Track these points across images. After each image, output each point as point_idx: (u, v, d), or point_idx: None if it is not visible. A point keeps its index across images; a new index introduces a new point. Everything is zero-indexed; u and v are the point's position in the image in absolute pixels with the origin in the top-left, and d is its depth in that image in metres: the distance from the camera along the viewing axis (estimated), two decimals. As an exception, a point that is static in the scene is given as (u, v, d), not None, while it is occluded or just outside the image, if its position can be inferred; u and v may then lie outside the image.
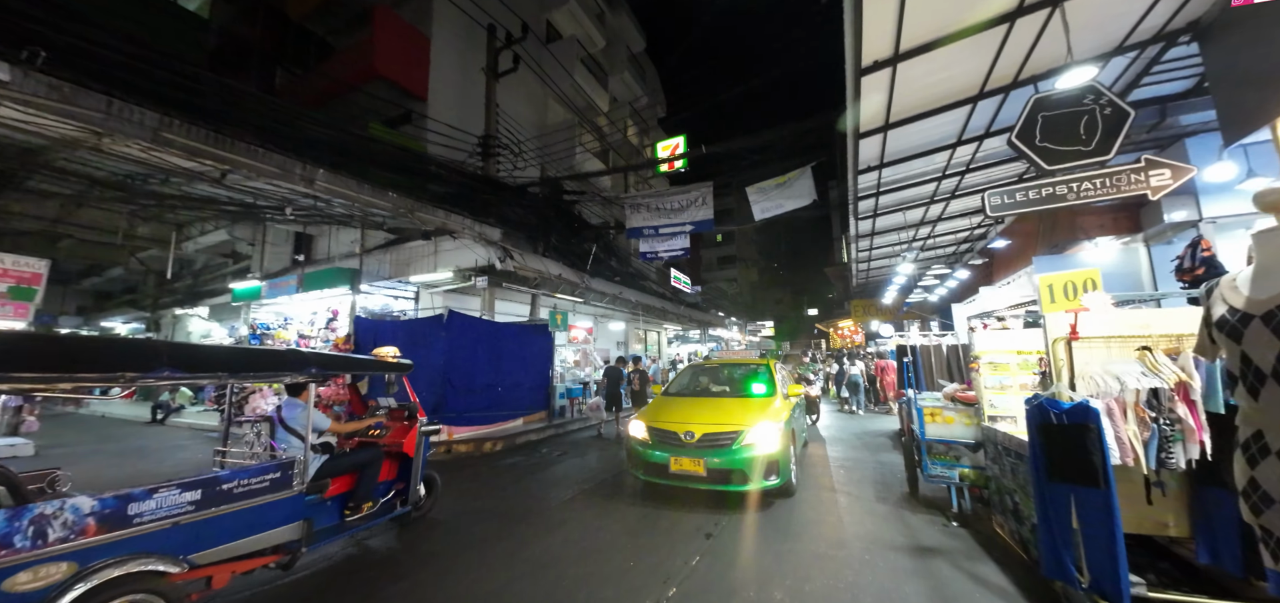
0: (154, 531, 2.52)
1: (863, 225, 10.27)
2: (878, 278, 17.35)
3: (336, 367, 3.93)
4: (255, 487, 2.99)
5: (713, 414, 5.24)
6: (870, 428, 10.13)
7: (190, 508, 2.68)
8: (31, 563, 2.12)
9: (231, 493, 2.88)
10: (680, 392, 6.49)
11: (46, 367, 2.33)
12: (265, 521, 3.02)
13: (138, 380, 2.58)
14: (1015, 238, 10.39)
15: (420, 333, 8.80)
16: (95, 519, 2.33)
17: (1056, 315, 2.97)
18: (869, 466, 6.82)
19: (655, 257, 10.89)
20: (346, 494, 3.85)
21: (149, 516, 2.51)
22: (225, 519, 2.83)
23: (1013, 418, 4.37)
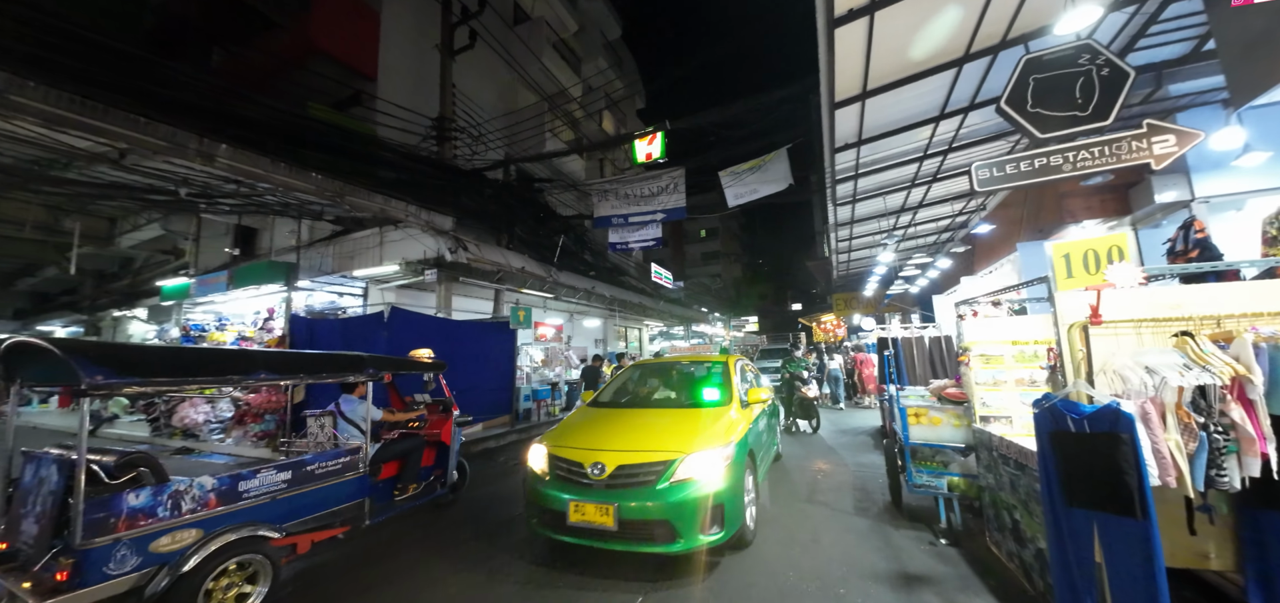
0: (258, 504, 3.12)
1: (842, 212, 9.72)
2: (858, 270, 16.94)
3: (385, 367, 4.33)
4: (331, 469, 3.64)
5: (637, 435, 3.82)
6: (851, 424, 9.61)
7: (284, 486, 3.30)
8: (170, 529, 2.69)
9: (314, 474, 3.51)
10: (611, 400, 4.91)
11: (181, 372, 2.97)
12: (338, 497, 3.66)
13: (241, 382, 3.39)
14: (998, 224, 9.96)
15: (359, 332, 7.96)
16: (216, 495, 2.92)
17: (1071, 295, 2.37)
18: (848, 469, 6.25)
19: (626, 248, 10.19)
20: (394, 478, 4.41)
21: (254, 492, 3.12)
22: (309, 495, 3.45)
23: (1008, 419, 3.80)
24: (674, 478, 3.34)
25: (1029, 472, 2.97)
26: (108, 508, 2.52)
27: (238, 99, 7.40)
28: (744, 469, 3.76)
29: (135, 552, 2.55)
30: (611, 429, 4.03)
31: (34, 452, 2.84)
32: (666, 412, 4.40)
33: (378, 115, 10.21)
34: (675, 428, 3.86)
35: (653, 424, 4.08)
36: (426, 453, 4.72)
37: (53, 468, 2.61)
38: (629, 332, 23.88)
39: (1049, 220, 8.52)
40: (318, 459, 3.58)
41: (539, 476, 3.69)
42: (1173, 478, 2.04)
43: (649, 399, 4.94)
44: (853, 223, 10.56)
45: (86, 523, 2.40)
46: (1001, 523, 3.44)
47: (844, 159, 7.07)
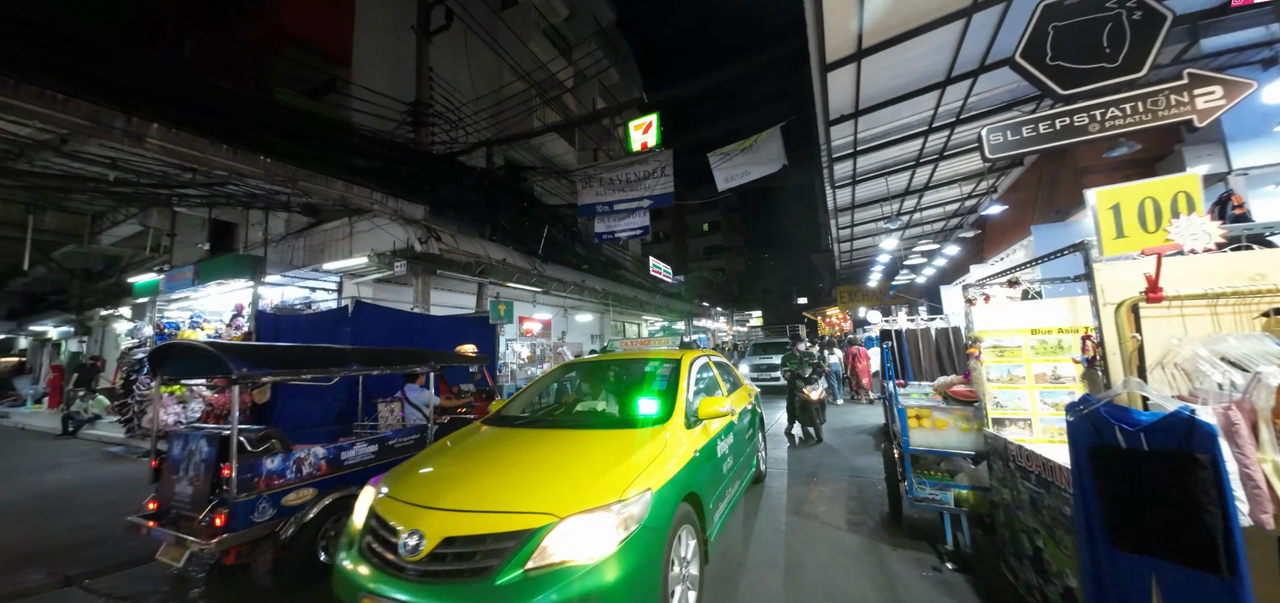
0: (355, 470, 3.72)
1: (841, 195, 9.08)
2: (862, 261, 16.26)
3: (439, 362, 4.82)
4: (405, 444, 4.19)
5: (503, 478, 2.58)
6: (850, 421, 9.01)
7: (372, 457, 3.88)
8: (294, 487, 3.36)
9: (393, 447, 4.08)
10: (518, 414, 3.72)
11: (292, 366, 3.81)
12: None
13: (339, 373, 4.21)
14: (1010, 206, 9.27)
15: (323, 328, 7.49)
16: (326, 461, 3.58)
17: (1118, 264, 1.78)
18: (843, 473, 5.67)
19: (613, 237, 9.63)
20: None
21: (351, 460, 3.75)
22: (392, 465, 3.57)
23: (1027, 422, 3.21)
24: (532, 562, 2.02)
25: (1056, 490, 2.39)
26: (252, 470, 3.16)
27: (194, 83, 6.92)
28: (670, 534, 2.40)
29: (272, 504, 3.19)
30: (475, 466, 2.76)
31: (177, 431, 3.56)
32: (576, 436, 3.08)
33: (353, 103, 9.72)
34: (571, 465, 2.59)
35: (541, 457, 2.77)
36: None
37: (202, 442, 3.27)
38: (627, 327, 23.34)
39: (1066, 200, 7.84)
40: (395, 435, 4.22)
41: (348, 537, 2.48)
42: (1270, 515, 1.45)
43: (566, 415, 3.81)
44: (854, 208, 9.92)
45: (239, 482, 3.04)
46: (1020, 548, 2.86)
47: (841, 134, 6.46)
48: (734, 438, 3.94)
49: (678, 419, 3.15)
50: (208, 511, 3.03)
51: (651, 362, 4.07)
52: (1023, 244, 9.02)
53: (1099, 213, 1.99)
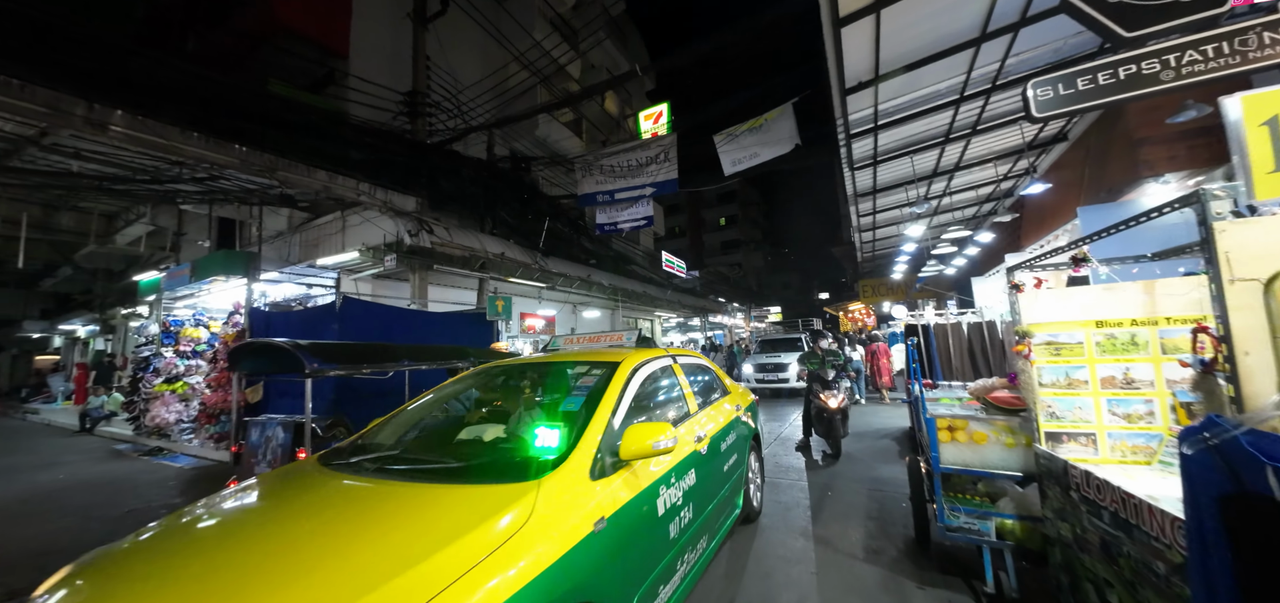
0: None
1: (862, 178, 8.36)
2: (886, 251, 15.36)
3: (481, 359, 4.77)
4: None
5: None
6: (872, 423, 8.31)
7: None
8: None
9: None
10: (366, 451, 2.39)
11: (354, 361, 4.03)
12: None
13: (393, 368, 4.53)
14: (1053, 186, 8.38)
15: (313, 323, 7.23)
16: None
17: (1254, 224, 1.18)
18: (861, 485, 5.04)
19: (615, 229, 9.13)
20: None
21: None
22: None
23: (1089, 438, 2.58)
24: None
25: (1143, 537, 1.78)
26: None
27: (178, 74, 6.70)
28: None
29: None
30: (179, 566, 1.54)
31: (255, 419, 3.92)
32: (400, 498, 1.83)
33: (350, 95, 9.47)
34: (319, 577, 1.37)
35: (295, 552, 1.52)
36: None
37: (279, 429, 3.60)
38: (640, 323, 22.85)
39: (1119, 178, 6.96)
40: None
41: None
42: None
43: (431, 451, 2.51)
44: (875, 193, 9.16)
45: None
46: (1084, 599, 2.24)
47: (859, 105, 5.79)
48: (700, 474, 2.77)
49: (576, 468, 1.90)
50: None
51: (577, 368, 2.82)
52: (1066, 229, 8.14)
53: (1246, 130, 1.32)
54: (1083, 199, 7.74)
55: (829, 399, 6.07)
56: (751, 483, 3.96)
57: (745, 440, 3.81)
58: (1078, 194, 7.99)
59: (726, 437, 3.38)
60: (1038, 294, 2.89)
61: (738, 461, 3.58)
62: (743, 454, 3.72)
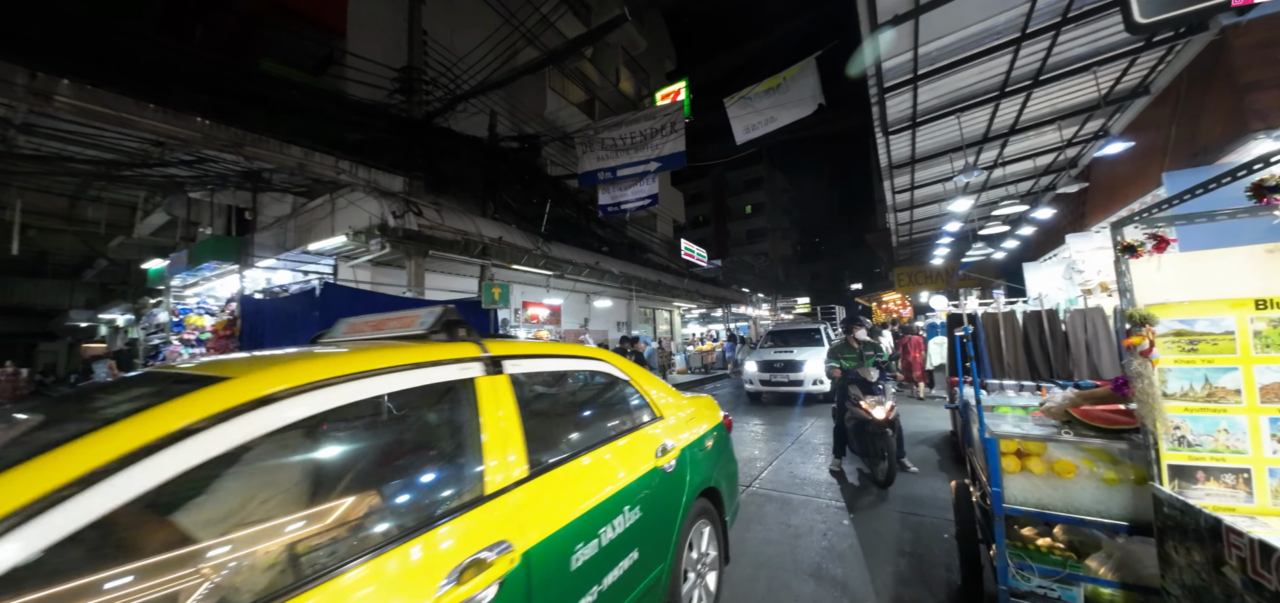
0: None
1: (897, 146, 7.32)
2: (924, 235, 14.04)
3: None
4: None
5: None
6: (905, 424, 7.31)
7: None
8: None
9: None
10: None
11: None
12: None
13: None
14: (1131, 151, 7.10)
15: (296, 310, 6.85)
16: None
17: None
18: (890, 505, 4.19)
19: (619, 210, 8.40)
20: None
21: None
22: None
23: (1239, 478, 1.73)
24: None
25: None
26: None
27: (144, 46, 6.34)
28: None
29: None
30: None
31: None
32: None
33: (346, 74, 9.05)
34: None
35: None
36: None
37: None
38: (658, 313, 22.13)
39: (1217, 134, 5.71)
40: None
41: None
42: None
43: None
44: (913, 165, 8.07)
45: None
46: None
47: (895, 49, 4.83)
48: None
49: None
50: None
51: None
52: (1149, 198, 6.88)
53: None
54: (1167, 164, 6.48)
55: (873, 407, 4.73)
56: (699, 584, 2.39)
57: (675, 505, 2.20)
58: (1160, 160, 6.71)
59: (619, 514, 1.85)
60: (1156, 262, 1.99)
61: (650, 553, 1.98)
62: (665, 534, 2.10)
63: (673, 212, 25.34)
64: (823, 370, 7.90)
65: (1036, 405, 2.83)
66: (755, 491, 4.65)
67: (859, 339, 5.47)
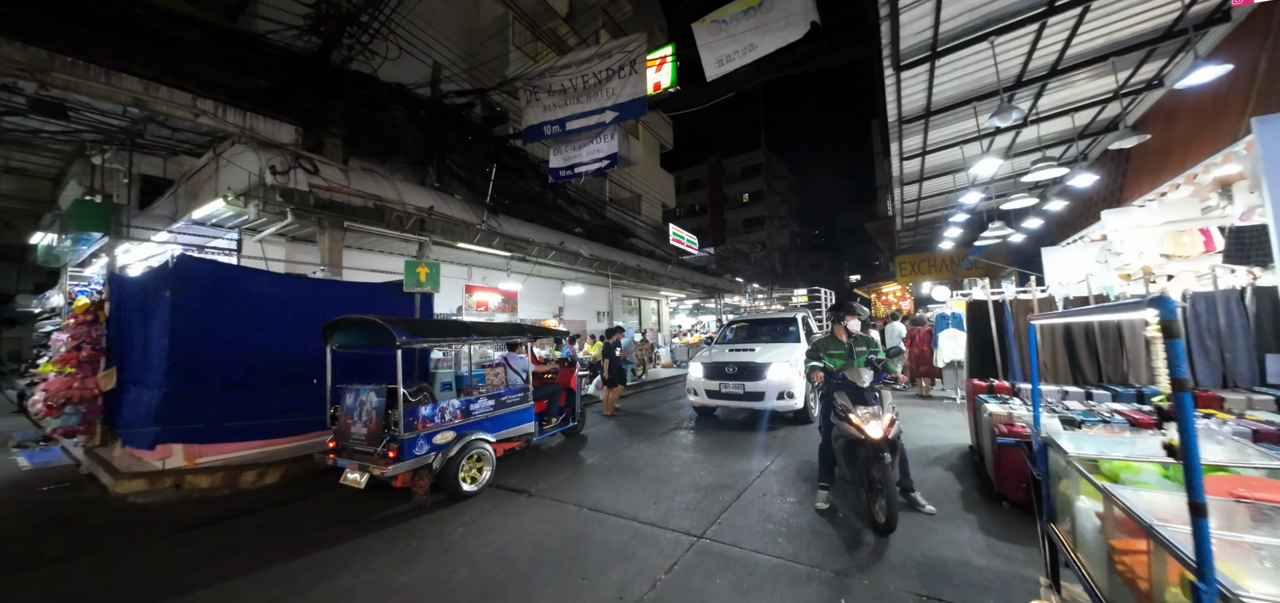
0: (481, 419, 4.73)
1: (911, 90, 5.88)
2: (933, 214, 12.60)
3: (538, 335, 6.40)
4: (515, 401, 5.21)
5: None
6: (913, 434, 5.93)
7: (492, 409, 4.90)
8: (440, 430, 4.27)
9: (506, 403, 5.10)
10: None
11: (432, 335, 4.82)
12: (521, 419, 5.23)
13: (466, 341, 5.48)
14: (1209, 92, 5.65)
15: (150, 294, 5.47)
16: (460, 411, 4.52)
17: None
18: (899, 574, 2.80)
19: (572, 174, 6.96)
20: (542, 413, 5.83)
21: (478, 412, 4.73)
22: (507, 416, 5.05)
23: None
24: None
25: None
26: (413, 415, 4.09)
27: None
28: None
29: (427, 442, 4.14)
30: None
31: (349, 386, 4.44)
32: None
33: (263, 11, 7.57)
34: None
35: None
36: (562, 396, 6.33)
37: (372, 394, 4.20)
38: (643, 303, 20.73)
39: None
40: (507, 393, 5.16)
41: None
42: None
43: None
44: (929, 118, 6.63)
45: (405, 423, 3.96)
46: None
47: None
48: None
49: None
50: (383, 445, 3.97)
51: None
52: (1225, 155, 5.46)
53: None
54: (1253, 109, 5.06)
55: (866, 422, 3.52)
56: None
57: None
58: (1242, 103, 5.28)
59: None
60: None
61: None
62: None
63: (662, 195, 23.88)
64: (794, 377, 6.26)
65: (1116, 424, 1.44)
66: (707, 545, 3.28)
67: (850, 331, 4.20)
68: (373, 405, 4.14)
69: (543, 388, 6.01)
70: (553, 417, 6.05)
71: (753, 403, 6.48)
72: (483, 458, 4.50)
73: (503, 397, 5.04)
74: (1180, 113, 6.32)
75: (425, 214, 7.35)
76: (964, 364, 9.14)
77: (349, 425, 4.24)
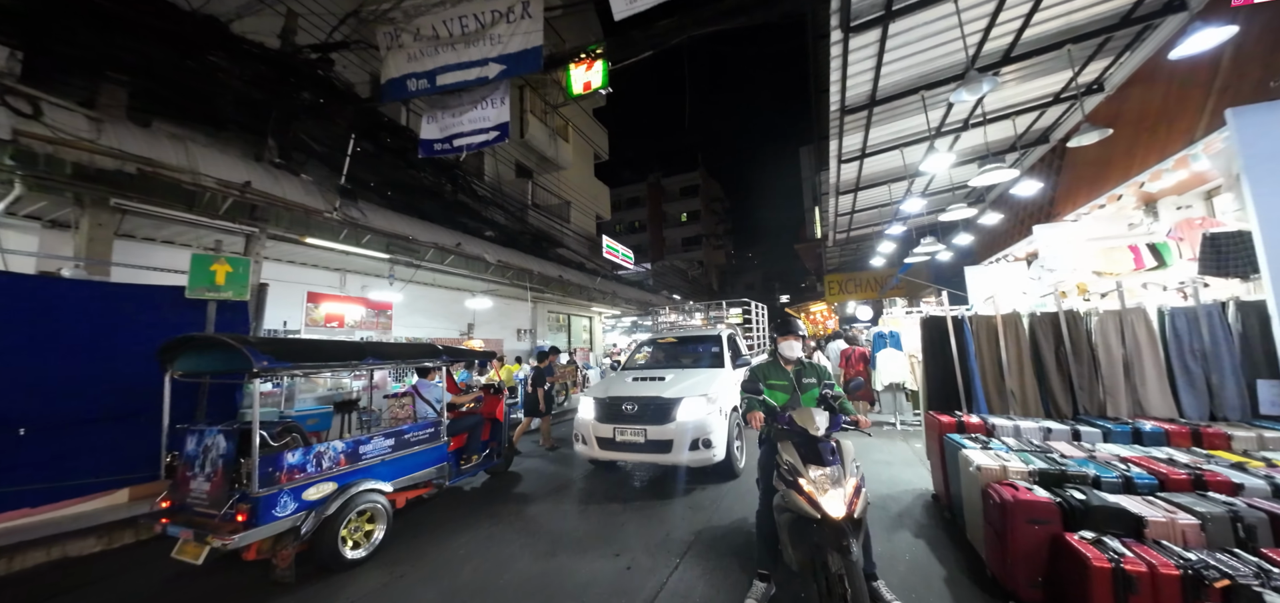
0: (373, 464, 3.86)
1: (858, 72, 4.95)
2: (866, 230, 12.23)
3: (456, 357, 5.18)
4: (421, 438, 4.38)
5: None
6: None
7: (389, 450, 4.03)
8: (315, 482, 3.38)
9: (410, 441, 4.26)
10: None
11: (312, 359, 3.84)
12: (427, 461, 4.39)
13: (356, 367, 4.46)
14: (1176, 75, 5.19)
15: None
16: (345, 455, 3.66)
17: None
18: None
19: (450, 149, 5.36)
20: (460, 450, 5.04)
21: (370, 454, 3.86)
22: (409, 458, 4.20)
23: None
24: None
25: None
26: (275, 464, 3.20)
27: None
28: None
29: (293, 499, 3.23)
30: None
31: (191, 426, 3.47)
32: None
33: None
34: None
35: None
36: (484, 429, 5.44)
37: (221, 437, 3.23)
38: (573, 320, 19.10)
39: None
40: (412, 430, 4.31)
41: None
42: None
43: None
44: (872, 109, 5.79)
45: (260, 476, 3.07)
46: None
47: None
48: None
49: None
50: (230, 505, 3.03)
51: None
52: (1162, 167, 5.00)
53: None
54: (1215, 105, 4.60)
55: (823, 492, 2.35)
56: None
57: None
58: (1201, 101, 4.84)
59: None
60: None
61: None
62: None
63: (597, 206, 22.60)
64: (713, 419, 4.63)
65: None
66: None
67: (791, 358, 3.08)
68: (220, 452, 3.24)
69: (462, 421, 5.21)
70: (474, 453, 5.18)
71: (657, 455, 4.63)
72: (373, 514, 3.68)
73: (406, 434, 4.23)
74: (1122, 120, 5.96)
75: (236, 192, 5.36)
76: (904, 387, 8.55)
77: (188, 479, 3.33)
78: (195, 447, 3.36)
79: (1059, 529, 2.49)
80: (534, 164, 16.91)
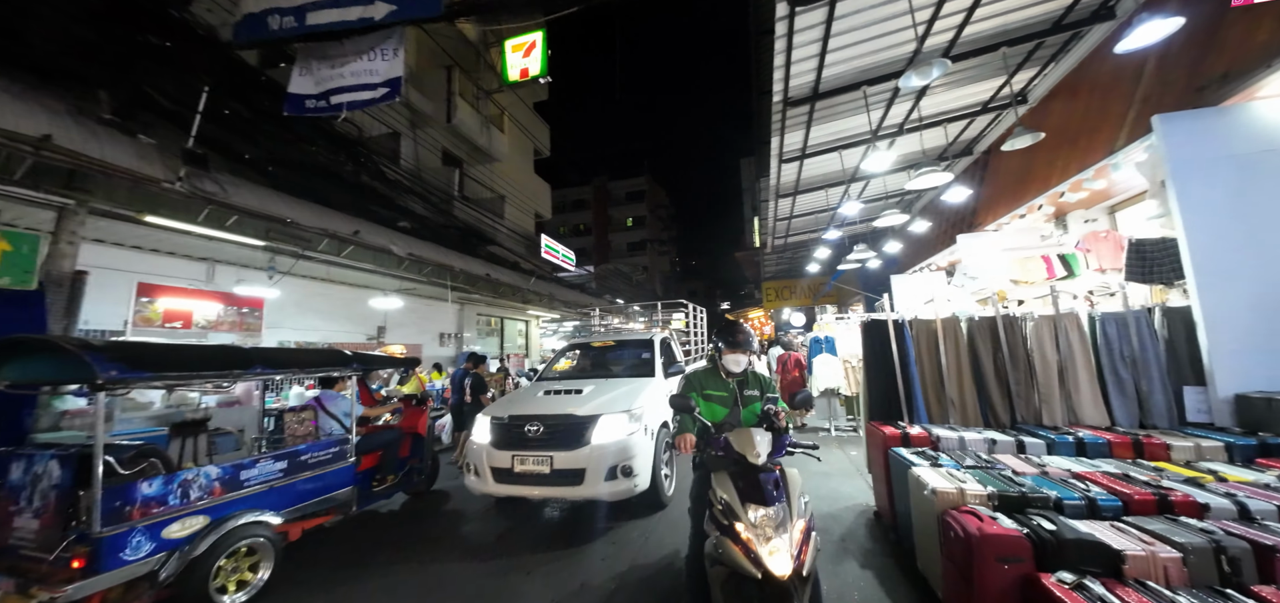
0: (258, 492, 3.33)
1: (802, 57, 4.58)
2: (803, 236, 12.27)
3: (372, 364, 4.59)
4: (322, 459, 3.84)
5: None
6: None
7: (280, 475, 3.50)
8: (180, 516, 2.86)
9: (307, 463, 3.72)
10: None
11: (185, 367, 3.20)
12: (329, 486, 3.86)
13: (241, 376, 3.80)
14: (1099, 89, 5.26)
15: None
16: (220, 483, 3.12)
17: None
18: None
19: (326, 108, 4.38)
20: (373, 469, 4.50)
21: (254, 480, 3.33)
22: (304, 484, 3.67)
23: None
24: None
25: None
26: (123, 497, 2.66)
27: None
28: None
29: (149, 538, 2.70)
30: None
31: (20, 450, 2.83)
32: None
33: None
34: None
35: None
36: (403, 445, 4.86)
37: (54, 463, 2.66)
38: (506, 323, 17.91)
39: (1237, 59, 3.86)
40: (310, 450, 3.77)
41: None
42: None
43: None
44: (815, 102, 5.49)
45: (104, 512, 2.53)
46: None
47: None
48: None
49: None
50: (62, 549, 2.50)
51: None
52: (1083, 177, 5.08)
53: None
54: (1137, 115, 4.67)
55: (763, 542, 1.82)
56: None
57: None
58: (1122, 111, 4.94)
59: None
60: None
61: None
62: None
63: (537, 204, 21.49)
64: (636, 441, 3.85)
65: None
66: None
67: (732, 369, 2.60)
68: (52, 482, 2.61)
69: (376, 436, 4.64)
70: (389, 474, 4.62)
71: (566, 488, 3.73)
72: (256, 551, 3.18)
73: (302, 455, 3.71)
74: (1044, 131, 6.11)
75: (30, 150, 4.04)
76: (839, 392, 8.46)
77: (11, 515, 2.67)
78: (21, 475, 2.78)
79: (1032, 569, 2.10)
80: (464, 153, 15.65)
